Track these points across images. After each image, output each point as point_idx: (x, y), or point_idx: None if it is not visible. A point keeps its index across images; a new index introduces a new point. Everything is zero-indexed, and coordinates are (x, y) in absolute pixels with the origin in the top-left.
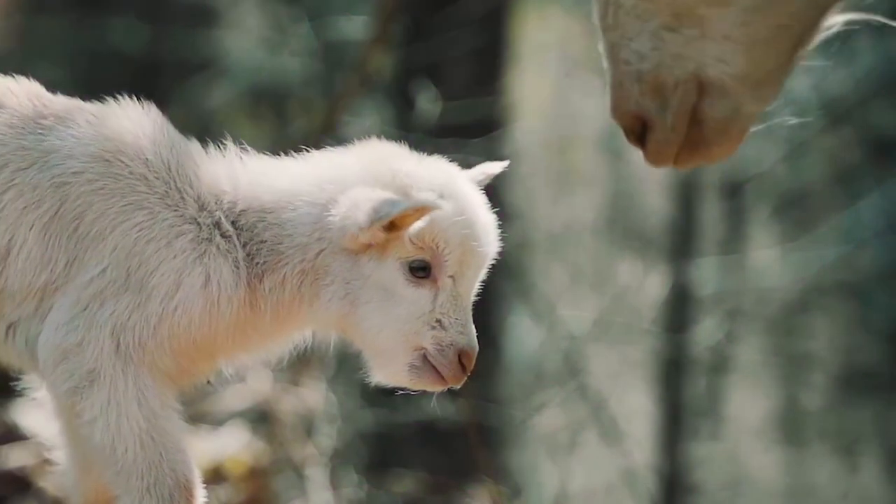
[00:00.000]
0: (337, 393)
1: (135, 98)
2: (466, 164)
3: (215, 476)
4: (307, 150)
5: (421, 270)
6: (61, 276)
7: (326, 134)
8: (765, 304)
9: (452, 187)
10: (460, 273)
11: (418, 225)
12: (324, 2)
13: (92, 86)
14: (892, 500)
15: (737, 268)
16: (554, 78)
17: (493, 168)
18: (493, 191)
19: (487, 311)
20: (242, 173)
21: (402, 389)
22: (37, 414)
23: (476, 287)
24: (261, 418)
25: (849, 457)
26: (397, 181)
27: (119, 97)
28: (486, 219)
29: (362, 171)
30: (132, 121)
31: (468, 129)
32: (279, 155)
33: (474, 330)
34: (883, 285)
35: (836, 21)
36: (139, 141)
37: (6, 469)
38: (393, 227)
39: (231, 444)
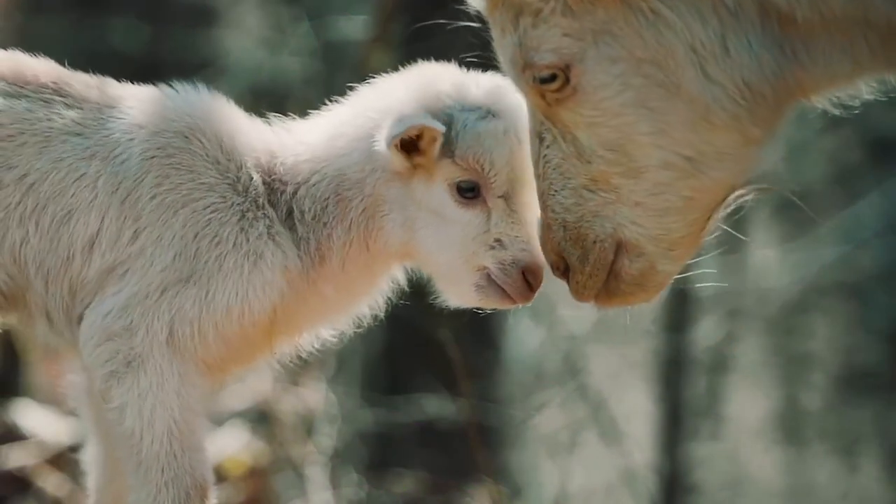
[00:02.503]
0: (337, 393)
1: None
2: None
3: (215, 476)
4: None
5: (469, 191)
6: (125, 252)
7: None
8: (765, 304)
9: (500, 105)
10: (513, 191)
11: (464, 147)
12: (324, 2)
13: None
14: (892, 500)
15: (737, 268)
16: None
17: None
18: None
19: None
20: (288, 139)
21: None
22: (46, 415)
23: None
24: (261, 418)
25: (849, 457)
26: (439, 103)
27: None
28: None
29: (407, 96)
30: (203, 102)
31: None
32: None
33: (538, 246)
34: (883, 285)
35: (740, 193)
36: (212, 122)
37: (6, 469)
38: (414, 149)
39: (231, 444)
